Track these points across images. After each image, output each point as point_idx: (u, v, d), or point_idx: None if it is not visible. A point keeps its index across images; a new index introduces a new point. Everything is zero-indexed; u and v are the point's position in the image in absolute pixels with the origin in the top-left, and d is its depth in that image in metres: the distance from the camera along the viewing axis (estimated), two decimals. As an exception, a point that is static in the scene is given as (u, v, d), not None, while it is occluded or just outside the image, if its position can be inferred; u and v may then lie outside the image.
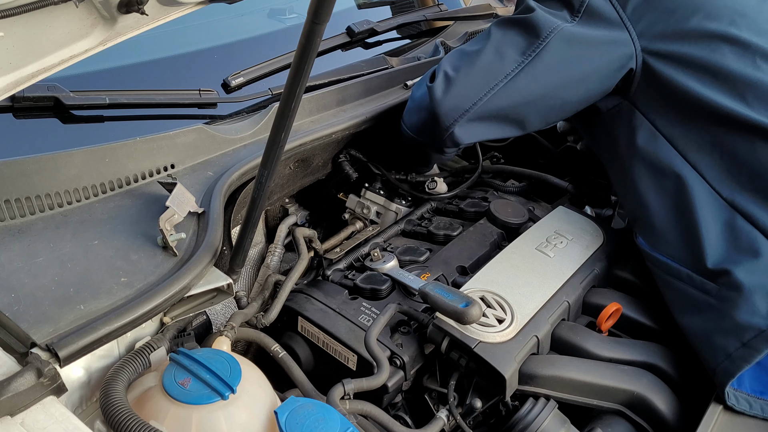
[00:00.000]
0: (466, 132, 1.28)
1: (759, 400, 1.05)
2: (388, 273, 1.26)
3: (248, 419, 0.88)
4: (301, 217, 1.51)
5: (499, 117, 1.27)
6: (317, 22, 0.73)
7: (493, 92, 1.23)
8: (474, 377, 1.09)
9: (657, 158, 1.19)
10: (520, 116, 1.28)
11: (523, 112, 1.27)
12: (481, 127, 1.28)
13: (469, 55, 1.26)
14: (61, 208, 1.06)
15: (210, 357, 0.92)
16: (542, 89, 1.23)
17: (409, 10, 2.04)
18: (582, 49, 1.20)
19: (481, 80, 1.23)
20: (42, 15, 0.84)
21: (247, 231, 1.01)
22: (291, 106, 0.83)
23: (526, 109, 1.26)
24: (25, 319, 0.85)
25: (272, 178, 0.94)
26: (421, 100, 1.35)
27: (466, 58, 1.26)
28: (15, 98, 1.14)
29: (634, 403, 1.07)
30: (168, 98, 1.34)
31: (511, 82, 1.22)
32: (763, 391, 1.05)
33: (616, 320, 1.21)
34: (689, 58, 1.14)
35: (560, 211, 1.43)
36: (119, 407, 0.80)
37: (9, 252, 0.96)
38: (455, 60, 1.28)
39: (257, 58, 1.50)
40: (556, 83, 1.22)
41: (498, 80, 1.22)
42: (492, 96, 1.23)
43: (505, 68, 1.22)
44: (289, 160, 1.38)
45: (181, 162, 1.23)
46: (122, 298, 0.93)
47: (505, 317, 1.11)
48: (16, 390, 0.74)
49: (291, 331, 1.21)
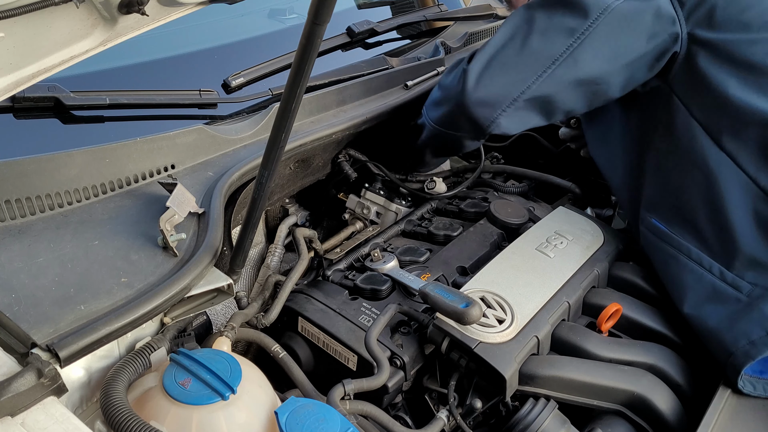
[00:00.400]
0: (513, 121, 1.24)
1: (761, 380, 1.06)
2: (389, 273, 1.26)
3: (248, 419, 0.88)
4: (301, 218, 1.51)
5: (545, 103, 1.22)
6: (318, 22, 0.73)
7: (541, 79, 1.18)
8: (474, 377, 1.09)
9: (690, 144, 1.16)
10: (566, 102, 1.23)
11: (569, 98, 1.22)
12: (528, 114, 1.24)
13: (512, 41, 1.21)
14: (62, 208, 1.06)
15: (210, 357, 0.92)
16: (591, 73, 1.18)
17: (409, 10, 2.04)
18: (632, 29, 1.15)
19: (528, 66, 1.19)
20: (42, 15, 0.84)
21: (248, 231, 1.01)
22: (291, 106, 0.83)
23: (572, 94, 1.21)
24: (26, 320, 0.85)
25: (272, 178, 0.94)
26: (457, 92, 1.27)
27: (510, 44, 1.21)
28: (15, 98, 1.14)
29: (634, 404, 1.07)
30: (168, 99, 1.34)
31: (561, 67, 1.17)
32: (762, 370, 1.07)
33: (616, 321, 1.21)
34: (731, 51, 1.11)
35: (560, 212, 1.43)
36: (120, 407, 0.80)
37: (9, 252, 0.96)
38: (495, 48, 1.23)
39: (257, 59, 1.50)
40: (604, 66, 1.17)
41: (546, 65, 1.17)
42: (541, 82, 1.18)
43: (554, 52, 1.17)
44: (289, 160, 1.38)
45: (181, 162, 1.23)
46: (122, 299, 0.93)
47: (506, 318, 1.11)
48: (16, 390, 0.74)
49: (291, 332, 1.21)
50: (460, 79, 1.26)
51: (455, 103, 1.28)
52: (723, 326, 1.09)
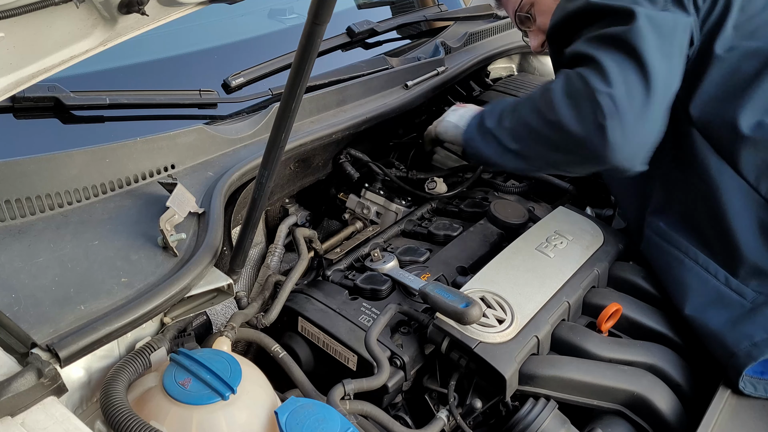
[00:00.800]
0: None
1: (761, 380, 1.07)
2: (389, 273, 1.26)
3: (248, 419, 0.88)
4: (301, 218, 1.51)
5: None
6: (318, 22, 0.73)
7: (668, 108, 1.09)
8: (474, 377, 1.09)
9: (692, 152, 1.15)
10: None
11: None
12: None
13: (637, 77, 1.05)
14: (62, 208, 1.06)
15: (210, 357, 0.92)
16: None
17: (409, 10, 2.04)
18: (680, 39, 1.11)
19: (663, 101, 1.08)
20: (43, 15, 0.84)
21: (248, 231, 1.01)
22: (291, 106, 0.83)
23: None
24: (26, 320, 0.85)
25: (272, 178, 0.94)
26: (595, 148, 1.08)
27: (638, 85, 1.05)
28: (15, 98, 1.14)
29: (634, 404, 1.07)
30: (168, 99, 1.34)
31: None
32: (764, 371, 1.07)
33: (616, 320, 1.21)
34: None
35: (560, 212, 1.43)
36: (120, 407, 0.80)
37: (9, 252, 0.96)
38: (625, 90, 1.05)
39: (257, 59, 1.50)
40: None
41: (674, 90, 1.09)
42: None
43: (675, 78, 1.09)
44: (289, 160, 1.38)
45: (181, 162, 1.23)
46: (122, 299, 0.93)
47: (505, 317, 1.11)
48: (16, 390, 0.75)
49: (291, 332, 1.21)
50: (596, 134, 1.07)
51: (592, 158, 1.12)
52: (725, 328, 1.10)
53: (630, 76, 1.06)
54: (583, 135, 1.09)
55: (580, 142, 1.10)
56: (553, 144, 1.16)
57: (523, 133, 1.22)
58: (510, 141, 1.24)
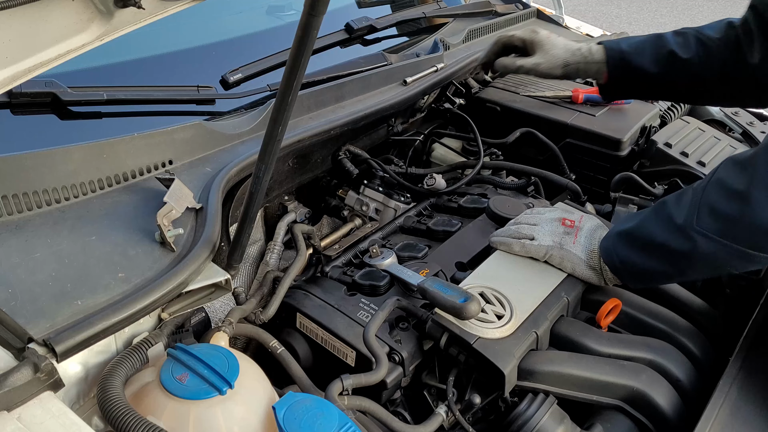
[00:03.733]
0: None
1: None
2: (387, 269, 1.25)
3: (246, 414, 0.88)
4: (300, 215, 1.51)
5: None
6: (314, 14, 0.73)
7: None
8: (473, 373, 1.08)
9: None
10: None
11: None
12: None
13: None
14: (59, 203, 1.06)
15: (207, 352, 0.92)
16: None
17: (409, 7, 2.04)
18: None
19: None
20: (38, 8, 0.84)
21: (245, 226, 1.01)
22: (288, 98, 0.83)
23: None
24: (22, 315, 0.85)
25: (269, 172, 0.93)
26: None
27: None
28: (12, 94, 1.14)
29: (633, 399, 1.06)
30: (166, 94, 1.33)
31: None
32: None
33: (615, 316, 1.21)
34: None
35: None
36: (117, 403, 0.80)
37: (6, 247, 0.96)
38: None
39: (256, 55, 1.49)
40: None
41: None
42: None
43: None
44: (287, 156, 1.37)
45: (179, 158, 1.23)
46: (120, 294, 0.93)
47: (504, 313, 1.10)
48: (12, 385, 0.74)
49: (289, 328, 1.21)
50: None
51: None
52: None
53: None
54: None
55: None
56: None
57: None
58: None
